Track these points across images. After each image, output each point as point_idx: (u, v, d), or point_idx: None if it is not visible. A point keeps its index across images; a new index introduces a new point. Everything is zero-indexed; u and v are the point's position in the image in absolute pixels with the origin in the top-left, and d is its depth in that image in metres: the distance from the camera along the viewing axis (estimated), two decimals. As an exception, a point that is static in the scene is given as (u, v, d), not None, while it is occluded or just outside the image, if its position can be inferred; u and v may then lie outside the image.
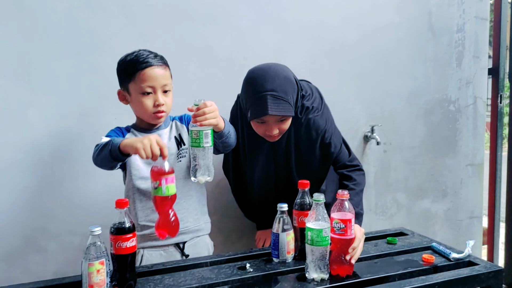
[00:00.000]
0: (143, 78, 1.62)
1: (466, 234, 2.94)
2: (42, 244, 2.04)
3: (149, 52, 1.67)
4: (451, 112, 2.84)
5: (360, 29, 2.55)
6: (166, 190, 1.37)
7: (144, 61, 1.62)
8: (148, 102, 1.64)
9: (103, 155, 1.50)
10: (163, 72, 1.66)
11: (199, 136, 1.41)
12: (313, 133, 1.82)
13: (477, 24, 2.83)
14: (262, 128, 1.73)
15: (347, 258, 1.43)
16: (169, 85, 1.68)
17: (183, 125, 1.78)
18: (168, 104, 1.68)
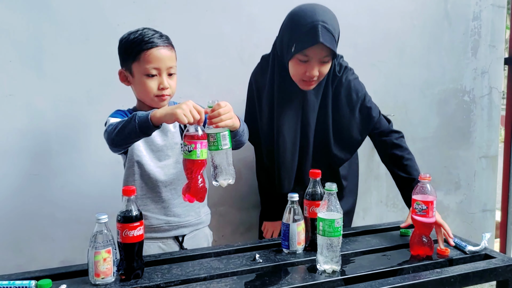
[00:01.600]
0: (148, 59, 1.55)
1: (479, 228, 2.89)
2: (50, 232, 2.02)
3: (154, 31, 1.60)
4: (466, 103, 2.78)
5: (374, 16, 2.49)
6: (200, 154, 1.33)
7: (149, 41, 1.55)
8: (152, 84, 1.57)
9: (128, 131, 1.41)
10: (169, 53, 1.59)
11: (216, 138, 1.36)
12: (353, 95, 1.77)
13: (494, 12, 2.75)
14: (302, 68, 1.64)
15: (451, 243, 1.53)
16: (174, 68, 1.61)
17: None
18: (173, 88, 1.62)
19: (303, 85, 1.72)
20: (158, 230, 1.65)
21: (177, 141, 1.65)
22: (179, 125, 1.68)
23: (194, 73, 2.15)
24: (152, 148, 1.62)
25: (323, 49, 1.61)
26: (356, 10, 2.44)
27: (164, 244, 1.66)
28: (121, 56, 1.64)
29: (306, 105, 1.77)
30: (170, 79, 1.61)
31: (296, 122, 1.79)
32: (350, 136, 1.81)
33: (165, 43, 1.59)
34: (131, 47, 1.58)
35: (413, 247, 1.48)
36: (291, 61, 1.67)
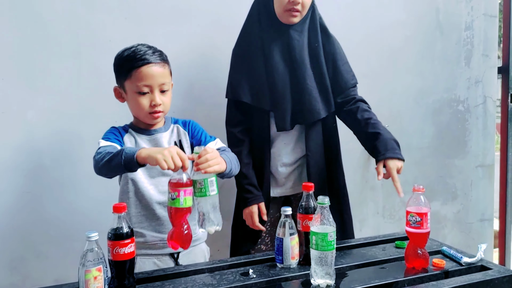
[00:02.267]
0: (139, 76, 1.55)
1: (477, 237, 2.87)
2: (43, 250, 2.00)
3: (148, 47, 1.60)
4: (460, 112, 2.78)
5: (367, 26, 2.50)
6: (183, 202, 1.33)
7: (141, 58, 1.55)
8: (144, 101, 1.57)
9: (114, 165, 1.41)
10: (161, 70, 1.58)
11: (204, 185, 1.35)
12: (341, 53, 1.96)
13: (486, 22, 2.77)
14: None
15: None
16: (167, 84, 1.60)
17: (186, 131, 1.70)
18: (166, 104, 1.61)
19: (287, 16, 1.78)
20: (154, 247, 1.63)
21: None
22: (174, 141, 1.67)
23: (186, 87, 2.14)
24: (148, 166, 1.61)
25: None
26: (349, 21, 2.45)
27: (159, 260, 1.64)
28: (115, 73, 1.65)
29: (292, 43, 1.83)
30: (163, 95, 1.59)
31: (285, 58, 1.84)
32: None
33: (158, 59, 1.58)
34: (123, 64, 1.58)
35: (408, 259, 1.46)
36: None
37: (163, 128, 1.67)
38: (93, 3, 1.99)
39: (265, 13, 1.84)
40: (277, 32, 1.84)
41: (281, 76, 1.84)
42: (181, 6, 2.12)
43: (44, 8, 1.93)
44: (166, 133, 1.67)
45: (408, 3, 2.58)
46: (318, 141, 1.92)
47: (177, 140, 1.68)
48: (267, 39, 1.85)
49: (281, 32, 1.84)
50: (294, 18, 1.79)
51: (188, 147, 1.68)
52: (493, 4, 2.78)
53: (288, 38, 1.84)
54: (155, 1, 2.08)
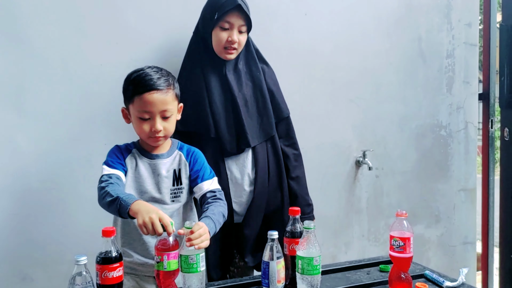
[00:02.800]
0: (140, 103, 1.57)
1: (460, 260, 2.92)
2: (29, 272, 1.99)
3: (156, 71, 1.61)
4: (443, 137, 2.85)
5: (351, 54, 2.57)
6: (167, 265, 1.35)
7: (144, 85, 1.56)
8: (145, 127, 1.59)
9: (111, 210, 1.47)
10: (163, 97, 1.58)
11: (196, 260, 1.35)
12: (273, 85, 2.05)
13: (467, 50, 2.86)
14: (225, 34, 1.86)
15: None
16: (169, 111, 1.61)
17: (187, 162, 1.70)
18: (168, 129, 1.62)
19: (225, 53, 1.90)
20: (138, 269, 1.64)
21: (166, 185, 1.65)
22: (173, 169, 1.67)
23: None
24: (141, 189, 1.63)
25: (241, 17, 1.86)
26: (334, 48, 2.52)
27: (143, 280, 1.65)
28: (123, 95, 1.66)
29: (228, 76, 1.94)
30: (165, 121, 1.61)
31: (224, 89, 1.94)
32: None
33: (162, 86, 1.58)
34: (127, 89, 1.61)
35: (392, 283, 1.50)
36: (214, 30, 1.88)
37: (166, 154, 1.68)
38: (84, 28, 2.03)
39: (204, 48, 1.95)
40: (215, 66, 1.95)
41: (221, 106, 1.92)
42: (170, 32, 2.17)
43: (35, 33, 1.95)
44: (167, 160, 1.68)
45: (392, 32, 2.66)
46: (264, 163, 1.98)
47: (176, 169, 1.68)
48: (207, 72, 1.94)
49: (219, 66, 1.95)
50: (230, 55, 1.91)
51: (187, 177, 1.68)
52: (473, 33, 2.87)
53: (224, 71, 1.94)
54: (144, 27, 2.12)
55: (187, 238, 1.35)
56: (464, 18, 2.84)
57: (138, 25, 2.11)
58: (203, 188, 1.66)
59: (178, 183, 1.67)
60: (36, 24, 1.96)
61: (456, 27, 2.82)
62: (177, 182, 1.67)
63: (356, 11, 2.57)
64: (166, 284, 1.37)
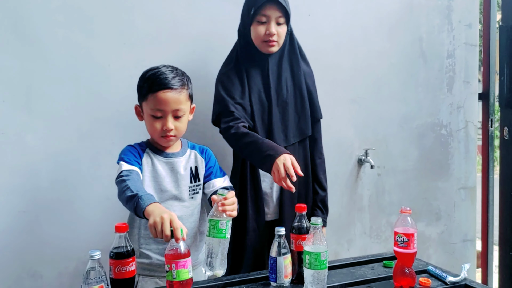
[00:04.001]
0: (153, 101, 1.59)
1: (460, 258, 2.95)
2: (38, 270, 2.02)
3: (171, 70, 1.64)
4: (443, 136, 2.89)
5: (353, 55, 2.61)
6: (176, 275, 1.29)
7: (158, 83, 1.59)
8: (157, 125, 1.62)
9: (128, 206, 1.48)
10: (176, 96, 1.60)
11: (226, 226, 1.37)
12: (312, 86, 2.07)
13: (467, 50, 2.90)
14: (262, 28, 1.87)
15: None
16: (182, 110, 1.63)
17: (203, 159, 1.74)
18: (179, 129, 1.65)
19: (265, 47, 1.91)
20: (157, 270, 1.65)
21: (185, 183, 1.68)
22: (190, 167, 1.70)
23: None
24: (160, 188, 1.65)
25: (277, 9, 1.86)
26: (336, 49, 2.56)
27: (161, 280, 1.66)
28: (137, 92, 1.69)
29: (270, 72, 1.96)
30: (177, 120, 1.63)
31: (265, 85, 1.96)
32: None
33: (176, 85, 1.61)
34: (143, 85, 1.64)
35: (396, 278, 1.53)
36: (253, 26, 1.90)
37: (180, 152, 1.72)
38: (92, 28, 2.06)
39: (244, 44, 1.96)
40: (258, 63, 1.96)
41: (259, 102, 1.94)
42: (176, 33, 2.20)
43: (43, 34, 1.99)
44: (183, 158, 1.71)
45: (393, 33, 2.70)
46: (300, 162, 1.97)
47: (193, 166, 1.71)
48: (248, 66, 1.96)
49: (262, 62, 1.96)
50: (272, 47, 1.92)
51: (203, 174, 1.73)
52: (473, 33, 2.91)
53: (266, 66, 1.96)
54: (151, 28, 2.15)
55: (221, 203, 1.39)
56: (464, 19, 2.88)
57: (145, 25, 2.14)
58: (216, 185, 1.70)
59: (196, 180, 1.71)
60: (45, 25, 1.99)
61: (456, 27, 2.86)
62: (195, 179, 1.71)
63: (358, 12, 2.61)
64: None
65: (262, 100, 1.95)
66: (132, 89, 1.72)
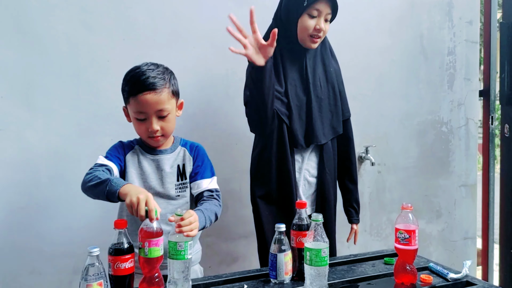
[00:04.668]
0: (135, 104, 1.55)
1: (461, 255, 2.95)
2: (37, 266, 2.02)
3: (152, 68, 1.58)
4: (444, 133, 2.88)
5: (354, 52, 2.59)
6: (148, 253, 1.31)
7: (137, 86, 1.54)
8: (142, 127, 1.58)
9: (98, 191, 1.45)
10: (157, 97, 1.54)
11: (184, 247, 1.34)
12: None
13: (468, 47, 2.89)
14: (312, 22, 1.82)
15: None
16: (166, 110, 1.57)
17: (191, 156, 1.70)
18: (166, 128, 1.61)
19: (309, 42, 1.86)
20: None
21: (171, 180, 1.65)
22: (177, 165, 1.67)
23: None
24: (145, 185, 1.63)
25: (329, 6, 1.84)
26: (337, 45, 2.52)
27: None
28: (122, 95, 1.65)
29: (307, 66, 1.91)
30: (162, 120, 1.59)
31: (302, 80, 1.91)
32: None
33: (156, 86, 1.54)
34: (123, 89, 1.60)
35: (397, 275, 1.52)
36: (302, 17, 1.83)
37: (169, 149, 1.68)
38: (92, 24, 2.05)
39: (283, 38, 1.88)
40: (296, 56, 1.92)
41: (296, 97, 1.91)
42: (177, 28, 2.19)
43: (44, 30, 1.98)
44: (171, 155, 1.68)
45: (394, 29, 2.69)
46: (330, 161, 1.98)
47: (180, 164, 1.68)
48: (286, 61, 1.91)
49: (300, 55, 1.92)
50: (315, 43, 1.88)
51: (190, 170, 1.68)
52: (474, 30, 2.91)
53: (304, 61, 1.92)
54: (152, 24, 2.14)
55: (177, 224, 1.35)
56: (465, 16, 2.87)
57: (146, 21, 2.13)
58: (201, 186, 1.66)
59: (183, 178, 1.67)
60: (45, 20, 1.98)
61: (457, 24, 2.85)
62: (182, 177, 1.67)
63: (359, 8, 2.60)
64: (148, 270, 1.35)
65: (299, 94, 1.91)
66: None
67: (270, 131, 1.87)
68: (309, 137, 1.91)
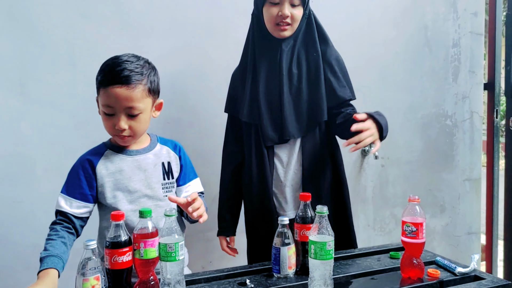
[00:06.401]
0: (104, 96, 1.42)
1: (465, 250, 2.91)
2: (33, 261, 1.95)
3: (132, 61, 1.44)
4: (448, 127, 2.83)
5: (357, 43, 2.54)
6: (144, 253, 1.27)
7: (109, 77, 1.40)
8: (109, 123, 1.45)
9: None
10: (128, 93, 1.40)
11: (175, 249, 1.28)
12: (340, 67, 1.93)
13: (473, 39, 2.84)
14: (275, 10, 1.72)
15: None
16: (138, 108, 1.43)
17: (177, 156, 1.59)
18: (136, 128, 1.46)
19: (277, 31, 1.76)
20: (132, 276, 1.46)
21: (156, 180, 1.55)
22: (161, 163, 1.57)
23: (182, 98, 2.15)
24: (128, 189, 1.51)
25: None
26: (340, 37, 2.47)
27: None
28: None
29: (281, 57, 1.80)
30: (132, 120, 1.45)
31: (274, 73, 1.81)
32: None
33: (129, 80, 1.41)
34: (97, 78, 1.46)
35: (404, 269, 1.48)
36: (265, 7, 1.75)
37: (147, 148, 1.56)
38: (89, 13, 2.00)
39: (257, 28, 1.83)
40: (268, 47, 1.82)
41: (266, 92, 1.81)
42: (176, 17, 2.14)
43: (38, 18, 1.93)
44: (151, 154, 1.56)
45: (398, 21, 2.64)
46: (315, 154, 1.86)
47: (165, 162, 1.58)
48: (258, 54, 1.83)
49: (272, 46, 1.82)
50: (284, 32, 1.76)
51: (177, 171, 1.60)
52: (479, 22, 2.85)
53: (278, 52, 1.81)
54: (150, 12, 2.09)
55: (187, 203, 1.33)
56: (470, 7, 2.82)
57: (143, 10, 2.09)
58: (189, 190, 1.60)
59: (169, 176, 1.57)
60: (40, 9, 1.93)
61: (462, 16, 2.80)
62: (168, 176, 1.57)
63: (362, -1, 2.54)
64: (143, 272, 1.29)
65: (270, 88, 1.81)
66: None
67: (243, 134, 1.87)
68: (282, 132, 1.81)
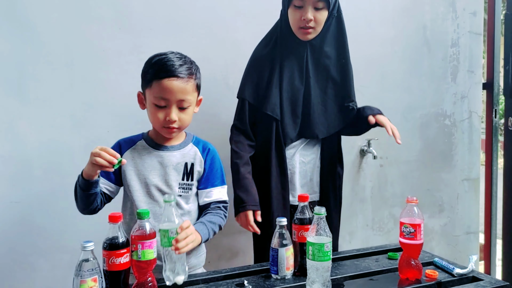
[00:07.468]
0: (158, 89, 1.47)
1: (463, 250, 2.91)
2: (31, 261, 1.97)
3: (179, 57, 1.53)
4: (447, 126, 2.83)
5: (356, 43, 2.52)
6: (141, 255, 1.27)
7: (164, 70, 1.47)
8: (160, 115, 1.50)
9: (79, 195, 1.46)
10: (183, 85, 1.48)
11: (176, 234, 1.31)
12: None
13: (471, 39, 2.84)
14: (298, 13, 1.75)
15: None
16: (187, 101, 1.51)
17: (203, 159, 1.61)
18: (183, 120, 1.53)
19: (301, 34, 1.80)
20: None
21: (175, 179, 1.57)
22: (185, 163, 1.58)
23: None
24: (146, 181, 1.56)
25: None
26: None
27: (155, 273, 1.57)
28: (141, 78, 1.57)
29: (307, 60, 1.86)
30: (182, 112, 1.52)
31: (300, 73, 1.86)
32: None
33: (183, 73, 1.49)
34: (147, 72, 1.52)
35: (402, 270, 1.48)
36: (289, 9, 1.79)
37: (177, 145, 1.60)
38: (87, 13, 1.99)
39: (285, 27, 1.85)
40: (294, 47, 1.85)
41: (291, 90, 1.86)
42: (175, 18, 2.13)
43: (37, 17, 1.92)
44: (177, 153, 1.59)
45: (396, 20, 2.63)
46: (333, 153, 1.97)
47: (189, 163, 1.59)
48: (285, 52, 1.86)
49: (301, 49, 1.85)
50: (307, 35, 1.80)
51: (199, 174, 1.61)
52: (478, 22, 2.85)
53: (306, 54, 1.85)
54: (149, 12, 2.09)
55: (175, 240, 1.31)
56: (468, 7, 2.82)
57: (142, 10, 2.08)
58: (210, 196, 1.61)
59: (189, 178, 1.58)
60: (38, 8, 1.92)
61: (460, 16, 2.80)
62: (188, 177, 1.58)
63: (362, -2, 2.54)
64: (141, 274, 1.29)
65: (296, 89, 1.86)
66: (128, 75, 1.66)
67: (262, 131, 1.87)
68: (303, 131, 1.86)
